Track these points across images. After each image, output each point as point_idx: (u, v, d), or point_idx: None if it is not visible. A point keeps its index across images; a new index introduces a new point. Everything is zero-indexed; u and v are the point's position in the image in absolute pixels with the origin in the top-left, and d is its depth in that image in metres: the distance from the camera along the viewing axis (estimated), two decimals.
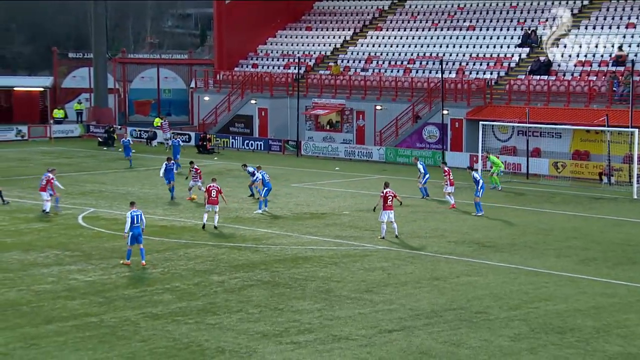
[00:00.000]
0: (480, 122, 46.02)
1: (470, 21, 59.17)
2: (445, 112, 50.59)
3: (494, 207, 35.97)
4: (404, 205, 34.69)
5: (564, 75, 50.56)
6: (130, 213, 26.01)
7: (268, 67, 64.43)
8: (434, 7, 62.20)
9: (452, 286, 23.66)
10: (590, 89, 48.00)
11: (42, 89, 71.05)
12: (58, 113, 67.12)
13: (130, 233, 25.84)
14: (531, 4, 57.81)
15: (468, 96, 51.76)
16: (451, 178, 35.65)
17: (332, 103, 57.88)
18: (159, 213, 33.72)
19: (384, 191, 29.73)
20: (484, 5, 59.87)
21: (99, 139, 60.73)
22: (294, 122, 57.52)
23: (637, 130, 40.57)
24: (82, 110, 68.29)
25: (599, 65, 50.05)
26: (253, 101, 60.23)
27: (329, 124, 58.60)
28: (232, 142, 58.76)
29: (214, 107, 62.77)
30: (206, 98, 63.77)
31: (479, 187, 34.13)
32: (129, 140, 50.68)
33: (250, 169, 37.19)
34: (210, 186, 31.60)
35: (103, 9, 68.17)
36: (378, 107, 55.39)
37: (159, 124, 64.61)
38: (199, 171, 37.60)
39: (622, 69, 48.21)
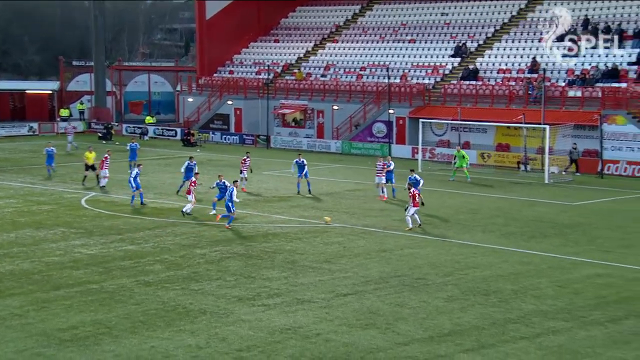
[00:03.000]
0: (420, 120, 46.14)
1: (412, 35, 59.20)
2: (391, 111, 50.63)
3: (433, 191, 36.11)
4: (358, 190, 34.69)
5: (489, 80, 50.81)
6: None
7: (242, 73, 63.98)
8: (381, 23, 62.14)
9: (397, 257, 23.71)
10: (510, 92, 48.29)
11: (50, 92, 70.02)
12: (64, 112, 66.35)
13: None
14: (461, 22, 58.01)
15: (410, 98, 51.84)
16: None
17: (296, 104, 57.65)
18: (150, 197, 33.39)
19: (411, 191, 27.45)
20: (423, 22, 59.92)
21: (98, 134, 60.01)
22: (264, 119, 57.26)
23: (548, 126, 40.93)
24: (84, 109, 67.60)
25: (517, 72, 50.37)
26: (230, 102, 59.84)
27: (294, 121, 58.38)
28: (212, 137, 58.41)
29: (196, 107, 62.26)
30: (190, 99, 63.23)
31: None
32: (52, 149, 40.58)
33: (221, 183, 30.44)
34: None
35: (102, 24, 67.37)
36: (335, 107, 55.27)
37: (150, 122, 64.15)
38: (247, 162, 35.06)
39: (536, 75, 48.58)
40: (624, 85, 44.83)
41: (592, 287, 20.43)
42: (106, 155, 36.48)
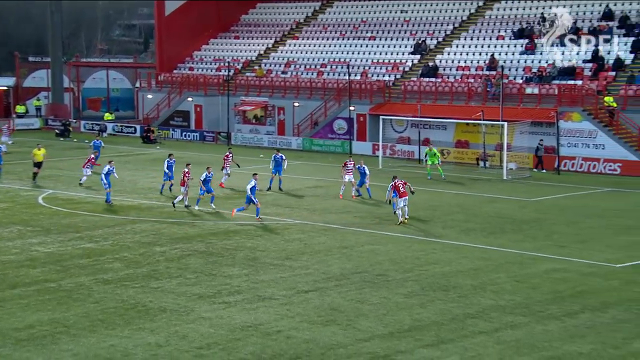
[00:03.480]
0: (381, 117, 46.35)
1: (372, 32, 59.42)
2: (351, 108, 50.77)
3: None
4: (319, 187, 34.73)
5: (448, 77, 51.25)
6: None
7: (202, 70, 63.57)
8: (341, 20, 62.23)
9: (358, 253, 23.80)
10: (469, 89, 48.76)
11: (5, 88, 68.77)
12: (20, 109, 65.20)
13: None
14: (421, 19, 58.40)
15: (370, 95, 52.04)
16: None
17: (257, 100, 57.47)
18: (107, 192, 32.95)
19: (394, 182, 27.87)
20: (383, 19, 60.18)
21: (56, 130, 59.16)
22: (225, 116, 56.95)
23: (506, 123, 41.43)
24: (41, 106, 66.51)
25: (476, 70, 50.88)
26: (190, 99, 59.41)
27: (254, 118, 58.19)
28: (172, 134, 57.95)
29: (156, 104, 61.70)
30: (149, 96, 62.65)
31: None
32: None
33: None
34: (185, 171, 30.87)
35: (59, 20, 66.38)
36: (296, 104, 55.24)
37: (109, 119, 63.42)
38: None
39: (494, 72, 49.12)
40: (579, 82, 45.59)
41: (549, 281, 20.76)
42: (92, 156, 37.06)
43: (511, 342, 16.31)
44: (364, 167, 33.22)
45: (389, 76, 54.14)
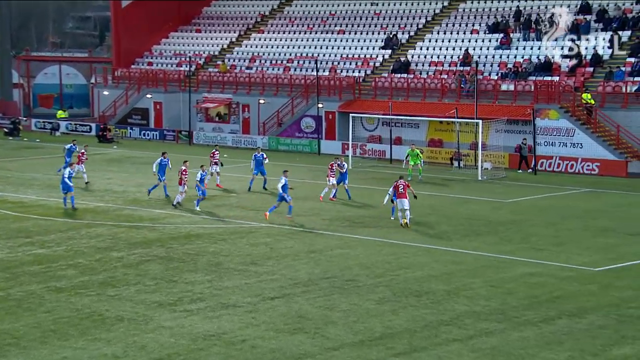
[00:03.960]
0: (351, 114, 46.49)
1: (341, 26, 59.58)
2: (320, 105, 50.85)
3: (364, 188, 36.45)
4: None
5: (420, 73, 51.57)
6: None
7: (162, 65, 63.21)
8: (309, 12, 62.31)
9: (327, 258, 23.85)
10: (442, 85, 49.11)
11: None
12: None
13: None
14: (392, 12, 58.69)
15: (340, 91, 52.17)
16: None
17: (220, 97, 57.30)
18: (62, 196, 32.60)
19: (396, 182, 27.95)
20: (352, 12, 60.37)
21: (4, 129, 58.40)
22: (186, 114, 56.71)
23: (481, 121, 41.78)
24: None
25: (449, 65, 51.27)
26: (149, 95, 59.05)
27: (218, 115, 58.02)
28: (130, 132, 57.57)
29: (112, 101, 61.22)
30: (105, 92, 62.15)
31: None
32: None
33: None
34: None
35: (7, 11, 65.50)
36: (261, 101, 55.18)
37: (62, 116, 62.78)
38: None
39: (468, 68, 49.54)
40: (556, 78, 46.16)
41: (525, 286, 20.98)
42: (83, 150, 37.66)
43: (486, 350, 16.47)
44: (343, 164, 33.70)
45: (359, 72, 54.32)
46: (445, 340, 16.96)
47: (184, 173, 31.25)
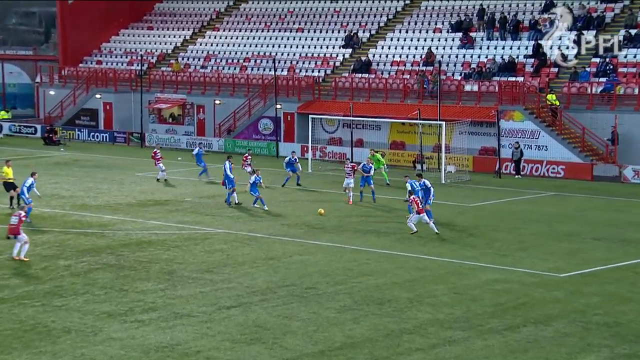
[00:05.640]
0: (310, 116, 46.57)
1: (299, 23, 59.67)
2: (278, 106, 50.84)
3: (325, 192, 36.50)
4: (243, 192, 34.50)
5: (382, 73, 51.85)
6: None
7: (112, 64, 62.67)
8: (266, 10, 62.28)
9: (285, 265, 23.83)
10: (404, 86, 49.42)
11: None
12: None
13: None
14: (352, 10, 58.94)
15: (298, 92, 52.23)
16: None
17: (174, 98, 56.99)
18: (4, 202, 32.11)
19: (412, 197, 28.02)
20: (311, 9, 60.51)
21: None
22: (138, 115, 56.26)
23: (444, 122, 42.13)
24: None
25: (412, 65, 51.63)
26: (98, 96, 58.49)
27: (171, 117, 57.69)
28: (78, 134, 57.00)
29: (59, 101, 60.50)
30: (51, 92, 61.39)
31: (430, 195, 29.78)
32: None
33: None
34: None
35: None
36: (217, 102, 54.99)
37: (5, 117, 61.83)
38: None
39: (431, 68, 49.92)
40: (520, 79, 46.75)
41: (490, 293, 21.19)
42: (155, 149, 40.24)
43: (450, 359, 16.58)
44: (296, 159, 37.26)
45: (319, 72, 54.43)
46: (408, 350, 17.05)
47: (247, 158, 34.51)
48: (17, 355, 16.51)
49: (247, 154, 39.77)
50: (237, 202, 32.92)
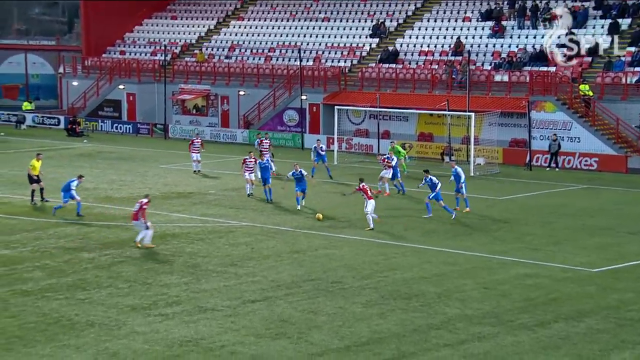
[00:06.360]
0: (336, 107, 46.50)
1: (325, 13, 59.57)
2: (303, 97, 50.83)
3: (351, 185, 36.47)
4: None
5: (410, 63, 51.65)
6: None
7: (135, 54, 62.99)
8: None
9: (311, 258, 23.86)
10: (432, 76, 49.20)
11: None
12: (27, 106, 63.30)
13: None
14: None
15: (324, 82, 52.17)
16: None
17: (197, 88, 57.18)
18: (28, 194, 32.41)
19: (361, 185, 28.09)
20: None
21: None
22: (161, 106, 56.50)
23: (473, 114, 41.90)
24: None
25: (440, 55, 51.37)
26: (121, 86, 58.81)
27: (195, 108, 57.89)
28: (102, 126, 57.35)
29: (82, 92, 60.93)
30: (74, 83, 61.84)
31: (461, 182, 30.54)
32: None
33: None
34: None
35: None
36: (241, 93, 55.10)
37: (28, 108, 62.39)
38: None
39: (460, 58, 49.65)
40: (552, 69, 46.36)
41: (520, 288, 21.08)
42: (193, 138, 40.50)
43: (479, 355, 16.53)
44: (322, 147, 37.87)
45: (345, 62, 54.33)
46: (436, 346, 17.02)
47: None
48: (41, 348, 16.69)
49: (263, 138, 39.75)
50: (250, 192, 33.04)
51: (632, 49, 45.48)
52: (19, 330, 17.68)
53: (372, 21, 56.65)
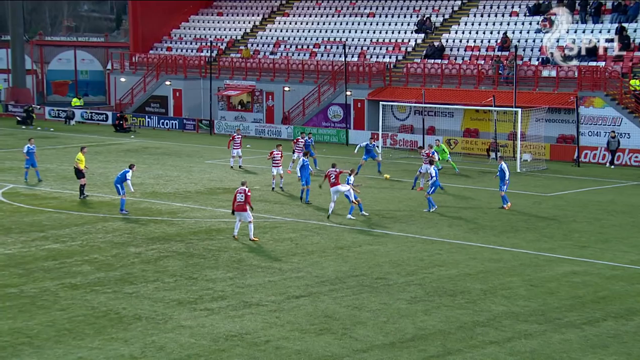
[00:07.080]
0: (381, 102, 46.41)
1: (371, 8, 59.44)
2: (348, 93, 50.82)
3: (396, 182, 36.40)
4: (312, 180, 34.59)
5: (456, 59, 51.32)
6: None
7: (182, 50, 63.53)
8: None
9: (355, 254, 23.85)
10: (479, 72, 48.86)
11: None
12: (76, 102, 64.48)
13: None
14: None
15: (369, 78, 52.09)
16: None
17: (243, 84, 57.48)
18: (77, 189, 32.90)
19: (328, 170, 28.43)
20: None
21: (17, 118, 59.02)
22: (207, 102, 56.94)
23: (520, 109, 41.51)
24: (1, 90, 66.26)
25: (487, 50, 50.97)
26: (168, 82, 59.37)
27: (240, 104, 58.22)
28: (148, 121, 57.96)
29: (130, 88, 61.63)
30: (122, 79, 62.57)
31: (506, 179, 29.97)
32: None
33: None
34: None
35: None
36: (286, 89, 55.27)
37: (77, 104, 63.28)
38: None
39: (506, 53, 49.20)
40: (602, 64, 45.68)
41: (568, 286, 20.84)
42: (234, 134, 40.46)
43: (525, 353, 16.39)
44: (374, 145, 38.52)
45: (390, 57, 54.16)
46: (481, 343, 16.90)
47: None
48: (90, 341, 16.94)
49: (299, 137, 39.13)
50: (274, 186, 33.49)
51: None
52: (68, 323, 17.96)
53: (417, 16, 56.40)
